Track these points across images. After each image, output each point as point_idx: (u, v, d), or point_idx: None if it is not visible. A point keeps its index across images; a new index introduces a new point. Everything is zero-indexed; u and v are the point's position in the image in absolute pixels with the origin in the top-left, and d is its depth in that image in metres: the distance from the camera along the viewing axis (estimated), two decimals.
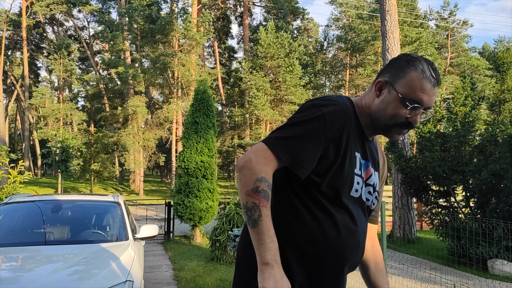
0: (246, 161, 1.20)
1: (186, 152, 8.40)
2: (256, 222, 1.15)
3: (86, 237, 3.78)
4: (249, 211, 1.17)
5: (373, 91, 1.34)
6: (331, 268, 1.27)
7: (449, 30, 36.42)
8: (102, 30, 27.56)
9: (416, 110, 1.26)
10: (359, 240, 1.32)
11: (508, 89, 9.10)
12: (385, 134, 1.35)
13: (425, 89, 1.24)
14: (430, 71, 1.26)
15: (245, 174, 1.18)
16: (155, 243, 8.49)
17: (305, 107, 1.28)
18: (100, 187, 28.02)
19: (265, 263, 1.14)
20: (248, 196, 1.17)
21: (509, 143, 6.47)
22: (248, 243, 1.28)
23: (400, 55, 1.33)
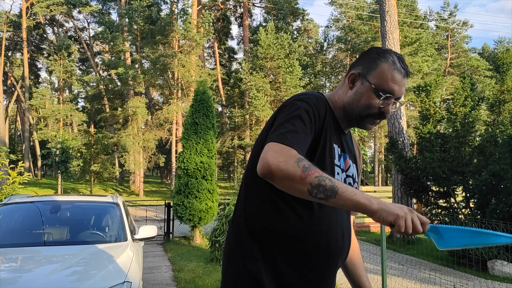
0: (271, 159, 1.11)
1: (186, 153, 8.39)
2: (334, 186, 1.06)
3: (84, 238, 3.78)
4: (319, 187, 1.07)
5: (346, 84, 1.38)
6: (320, 263, 1.30)
7: (449, 31, 36.44)
8: (102, 31, 27.57)
9: (388, 100, 1.31)
10: (343, 231, 1.35)
11: (508, 89, 9.10)
12: (359, 125, 1.39)
13: (396, 80, 1.30)
14: (400, 62, 1.31)
15: (283, 168, 1.09)
16: (154, 244, 8.48)
17: (289, 104, 1.29)
18: (100, 188, 28.01)
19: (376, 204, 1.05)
20: (305, 178, 1.07)
21: (509, 144, 6.47)
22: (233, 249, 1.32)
23: (370, 48, 1.39)
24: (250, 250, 1.29)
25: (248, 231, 1.32)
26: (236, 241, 1.34)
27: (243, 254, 1.30)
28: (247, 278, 1.27)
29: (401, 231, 1.03)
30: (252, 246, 1.29)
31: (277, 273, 1.27)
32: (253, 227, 1.31)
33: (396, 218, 1.03)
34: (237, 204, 1.42)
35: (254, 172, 1.35)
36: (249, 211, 1.34)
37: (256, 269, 1.27)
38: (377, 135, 30.06)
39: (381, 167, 33.21)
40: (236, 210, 1.42)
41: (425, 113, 8.20)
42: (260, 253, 1.28)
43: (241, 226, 1.35)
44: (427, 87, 8.34)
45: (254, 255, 1.28)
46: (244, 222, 1.34)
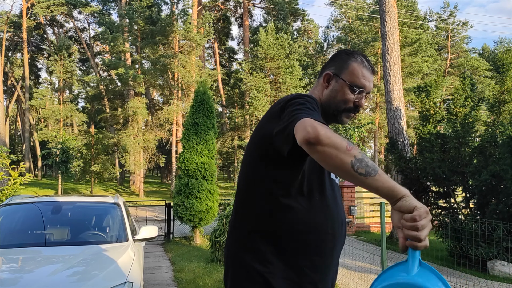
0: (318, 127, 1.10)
1: (186, 153, 8.41)
2: (375, 166, 1.08)
3: (86, 238, 3.79)
4: (362, 161, 1.07)
5: (321, 83, 1.50)
6: (327, 251, 1.35)
7: (449, 31, 36.46)
8: (103, 31, 27.60)
9: (361, 94, 1.45)
10: (342, 220, 1.42)
11: (507, 90, 9.11)
12: (336, 120, 1.50)
13: (366, 76, 1.45)
14: (366, 62, 1.48)
15: (330, 136, 1.09)
16: (155, 244, 8.49)
17: (293, 97, 1.33)
18: (100, 188, 28.02)
19: (407, 193, 1.07)
20: (351, 150, 1.08)
21: (508, 144, 6.48)
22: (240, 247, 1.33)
23: (339, 51, 1.55)
24: (260, 252, 1.30)
25: (255, 233, 1.33)
26: (242, 244, 1.35)
27: (252, 257, 1.31)
28: (259, 281, 1.28)
29: (416, 219, 1.02)
30: (261, 247, 1.30)
31: (293, 269, 1.29)
32: (259, 229, 1.32)
33: (422, 207, 1.04)
34: (239, 207, 1.42)
35: (255, 172, 1.36)
36: (253, 213, 1.35)
37: (268, 271, 1.28)
38: (377, 135, 30.07)
39: (381, 168, 33.18)
40: (236, 213, 1.42)
41: (425, 113, 8.22)
42: (272, 253, 1.29)
43: (246, 228, 1.35)
44: (427, 87, 8.35)
45: (265, 257, 1.29)
46: (249, 224, 1.35)
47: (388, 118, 9.88)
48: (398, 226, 1.08)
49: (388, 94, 9.84)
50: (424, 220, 1.03)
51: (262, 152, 1.34)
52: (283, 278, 1.28)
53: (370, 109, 31.38)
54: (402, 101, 9.85)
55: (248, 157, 1.42)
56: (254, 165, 1.37)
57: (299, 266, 1.30)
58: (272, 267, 1.28)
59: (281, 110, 1.30)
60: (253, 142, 1.41)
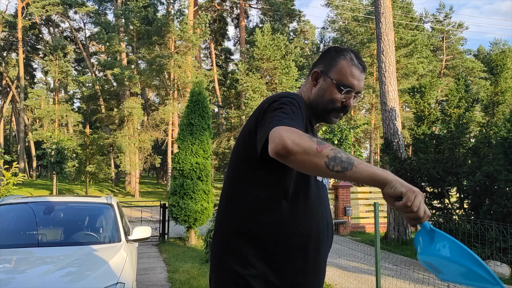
0: (284, 136, 1.09)
1: (181, 154, 8.39)
2: (350, 159, 1.07)
3: (78, 238, 3.77)
4: (336, 159, 1.06)
5: (310, 82, 1.47)
6: (313, 256, 1.34)
7: (445, 33, 36.65)
8: (98, 31, 27.51)
9: (349, 93, 1.40)
10: (328, 222, 1.41)
11: (501, 91, 9.18)
12: (325, 119, 1.48)
13: (355, 75, 1.40)
14: (357, 59, 1.42)
15: (299, 142, 1.08)
16: (149, 245, 8.46)
17: (274, 99, 1.31)
18: (95, 188, 27.91)
19: (389, 178, 1.06)
20: (322, 151, 1.07)
21: (502, 145, 6.51)
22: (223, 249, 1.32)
23: (329, 48, 1.49)
24: (242, 254, 1.29)
25: (237, 235, 1.31)
26: (225, 245, 1.33)
27: (234, 259, 1.29)
28: (241, 283, 1.27)
29: (407, 205, 1.02)
30: (244, 249, 1.29)
31: (276, 273, 1.28)
32: (243, 230, 1.31)
33: (408, 190, 1.04)
34: (223, 208, 1.40)
35: (240, 173, 1.35)
36: (237, 214, 1.33)
37: (249, 273, 1.27)
38: (373, 136, 30.16)
39: None
40: (221, 214, 1.40)
41: (420, 114, 8.25)
42: (254, 255, 1.28)
43: (229, 230, 1.34)
44: (421, 88, 8.40)
45: (247, 259, 1.28)
46: (232, 226, 1.33)
47: (383, 119, 9.91)
48: (393, 206, 1.08)
49: (383, 95, 9.87)
50: (415, 201, 1.03)
51: (246, 154, 1.33)
52: (264, 281, 1.27)
53: (365, 110, 31.50)
54: (397, 102, 9.88)
55: (233, 158, 1.41)
56: (238, 166, 1.36)
57: (281, 270, 1.28)
58: (253, 269, 1.27)
59: (263, 114, 1.28)
60: (238, 143, 1.40)
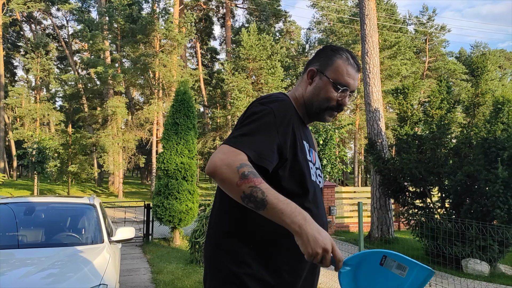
0: (216, 161, 1.16)
1: (166, 154, 8.32)
2: (263, 200, 1.09)
3: (60, 240, 3.70)
4: (250, 197, 1.10)
5: (305, 80, 1.47)
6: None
7: (427, 35, 37.28)
8: (82, 29, 27.04)
9: (345, 92, 1.42)
10: (323, 220, 1.42)
11: (482, 93, 9.36)
12: (319, 118, 1.48)
13: (351, 74, 1.42)
14: (352, 59, 1.44)
15: (223, 171, 1.13)
16: (133, 246, 8.37)
17: (252, 107, 1.33)
18: (78, 189, 27.46)
19: (298, 227, 1.07)
20: (240, 186, 1.11)
21: (482, 146, 6.66)
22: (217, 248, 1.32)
23: (324, 47, 1.50)
24: (237, 254, 1.28)
25: (233, 235, 1.31)
26: (220, 245, 1.32)
27: (229, 258, 1.29)
28: (236, 282, 1.26)
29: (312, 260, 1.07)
30: (238, 249, 1.29)
31: (271, 272, 1.28)
32: (237, 230, 1.31)
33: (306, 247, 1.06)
34: (217, 208, 1.39)
35: None
36: (231, 213, 1.33)
37: (244, 272, 1.26)
38: (357, 136, 30.47)
39: (361, 168, 33.68)
40: (214, 214, 1.40)
41: (403, 115, 8.37)
42: (249, 255, 1.28)
43: (223, 229, 1.33)
44: (405, 89, 8.51)
45: (242, 259, 1.27)
46: (226, 226, 1.33)
47: (367, 120, 10.02)
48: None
49: (368, 96, 9.98)
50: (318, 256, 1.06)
51: None
52: (259, 280, 1.27)
53: (350, 111, 31.79)
54: (381, 103, 10.00)
55: None
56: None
57: (276, 269, 1.28)
58: (248, 269, 1.27)
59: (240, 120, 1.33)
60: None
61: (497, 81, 33.84)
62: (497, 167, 6.26)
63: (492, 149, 6.48)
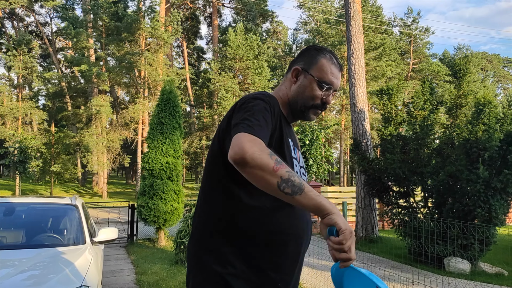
0: (247, 147, 1.11)
1: (151, 153, 8.25)
2: (301, 184, 1.11)
3: (41, 241, 3.63)
4: (288, 181, 1.10)
5: (289, 79, 1.49)
6: (292, 253, 1.34)
7: (412, 37, 37.81)
8: (65, 26, 26.55)
9: (329, 91, 1.45)
10: (307, 218, 1.43)
11: (464, 94, 9.53)
12: (303, 117, 1.50)
13: (334, 73, 1.46)
14: (335, 59, 1.48)
15: (257, 157, 1.10)
16: (117, 247, 8.26)
17: (247, 101, 1.32)
18: (61, 189, 27.00)
19: (332, 211, 1.12)
20: (277, 171, 1.10)
21: (464, 146, 6.79)
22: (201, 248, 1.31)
23: (308, 46, 1.53)
24: (221, 253, 1.28)
25: (216, 234, 1.30)
26: (203, 245, 1.32)
27: (213, 258, 1.28)
28: (220, 282, 1.25)
29: (342, 243, 1.08)
30: (222, 248, 1.28)
31: (255, 270, 1.28)
32: (221, 229, 1.30)
33: (346, 229, 1.10)
34: (201, 207, 1.38)
35: (218, 171, 1.34)
36: (216, 213, 1.32)
37: (228, 272, 1.26)
38: (343, 136, 30.73)
39: (347, 168, 33.97)
40: (198, 213, 1.39)
41: (387, 115, 8.46)
42: (234, 254, 1.27)
43: (207, 229, 1.32)
44: (389, 90, 8.61)
45: (226, 258, 1.27)
46: (210, 225, 1.32)
47: (352, 120, 10.11)
48: (326, 238, 1.14)
49: (353, 97, 10.07)
50: (349, 241, 1.09)
51: (223, 153, 1.32)
52: (244, 279, 1.26)
53: (336, 111, 32.04)
54: (366, 104, 10.10)
55: (210, 156, 1.39)
56: (216, 164, 1.35)
57: (260, 268, 1.28)
58: (232, 268, 1.26)
59: (234, 114, 1.29)
60: (214, 142, 1.38)
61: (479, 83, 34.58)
62: (478, 167, 6.38)
63: (473, 149, 6.60)
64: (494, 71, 53.35)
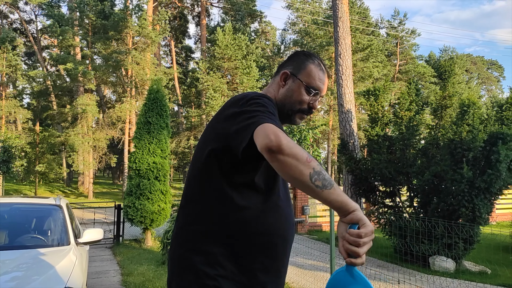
0: (281, 137, 1.11)
1: (138, 153, 8.18)
2: (331, 180, 1.12)
3: (24, 242, 3.56)
4: (320, 174, 1.10)
5: (277, 82, 1.49)
6: (281, 255, 1.35)
7: (398, 39, 38.25)
8: (51, 24, 26.13)
9: (316, 96, 1.47)
10: (292, 218, 1.44)
11: (449, 95, 9.68)
12: (290, 120, 1.50)
13: (322, 79, 1.48)
14: (323, 65, 1.50)
15: (292, 146, 1.10)
16: (103, 248, 8.16)
17: (252, 97, 1.30)
18: (45, 189, 26.57)
19: (357, 208, 1.12)
20: (310, 162, 1.10)
21: (448, 147, 6.89)
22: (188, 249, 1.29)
23: (297, 52, 1.54)
24: (211, 255, 1.26)
25: (205, 234, 1.28)
26: (191, 246, 1.29)
27: (202, 259, 1.26)
28: (209, 284, 1.24)
29: (361, 236, 1.08)
30: (212, 249, 1.26)
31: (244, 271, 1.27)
32: (210, 229, 1.28)
33: (370, 225, 1.10)
34: (187, 206, 1.36)
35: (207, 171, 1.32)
36: (204, 213, 1.30)
37: (218, 273, 1.24)
38: (331, 137, 30.92)
39: (334, 168, 34.20)
40: (184, 213, 1.36)
41: (374, 116, 8.55)
42: (223, 255, 1.26)
43: (195, 229, 1.30)
44: (376, 91, 8.69)
45: (216, 259, 1.25)
46: (198, 225, 1.30)
47: (340, 120, 10.18)
48: (342, 236, 1.12)
49: (340, 97, 10.14)
50: (367, 238, 1.08)
51: (216, 151, 1.30)
52: (233, 280, 1.25)
53: (324, 111, 32.22)
54: (353, 104, 10.18)
55: (199, 155, 1.36)
56: (206, 163, 1.32)
57: (250, 269, 1.28)
58: (222, 270, 1.25)
59: (239, 109, 1.26)
60: (206, 140, 1.36)
61: (463, 85, 35.13)
62: (463, 167, 6.49)
63: (458, 149, 6.71)
64: (479, 73, 54.38)
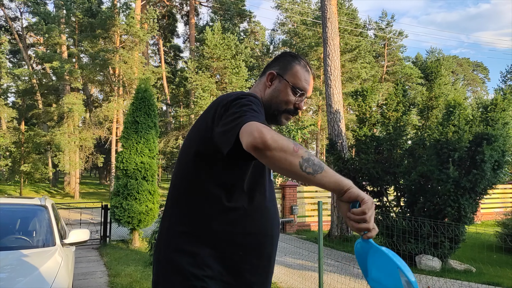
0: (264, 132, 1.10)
1: (125, 153, 8.10)
2: (321, 163, 1.11)
3: (8, 243, 3.50)
4: (309, 160, 1.10)
5: (263, 82, 1.50)
6: (267, 255, 1.36)
7: (386, 40, 38.64)
8: (37, 22, 25.71)
9: (302, 97, 1.47)
10: (277, 219, 1.44)
11: (435, 96, 9.81)
12: (276, 121, 1.50)
13: (307, 80, 1.49)
14: (308, 66, 1.51)
15: (277, 139, 1.09)
16: (89, 249, 8.06)
17: (237, 97, 1.29)
18: (31, 189, 26.14)
19: (352, 185, 1.12)
20: (297, 151, 1.10)
21: (435, 147, 6.98)
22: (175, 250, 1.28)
23: (283, 53, 1.55)
24: (198, 256, 1.25)
25: (191, 235, 1.27)
26: (178, 247, 1.28)
27: (189, 260, 1.25)
28: (197, 285, 1.23)
29: (365, 211, 1.07)
30: (199, 250, 1.26)
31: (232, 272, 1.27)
32: (197, 230, 1.28)
33: (368, 199, 1.10)
34: (173, 207, 1.35)
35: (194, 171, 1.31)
36: (191, 214, 1.29)
37: (205, 274, 1.24)
38: (319, 137, 31.08)
39: None
40: (170, 213, 1.35)
41: (362, 117, 8.61)
42: (211, 256, 1.25)
43: (182, 230, 1.29)
44: (364, 92, 8.76)
45: (203, 261, 1.25)
46: (185, 226, 1.29)
47: (328, 121, 10.24)
48: (346, 216, 1.12)
49: (329, 98, 10.20)
50: (370, 211, 1.09)
51: (203, 152, 1.29)
52: (221, 281, 1.25)
53: (312, 112, 32.37)
54: (341, 105, 10.25)
55: (185, 155, 1.36)
56: (192, 164, 1.32)
57: (238, 269, 1.28)
58: (210, 271, 1.24)
59: (224, 109, 1.25)
60: (192, 140, 1.35)
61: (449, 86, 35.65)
62: (449, 167, 6.58)
63: (444, 150, 6.81)
64: (464, 74, 55.26)
